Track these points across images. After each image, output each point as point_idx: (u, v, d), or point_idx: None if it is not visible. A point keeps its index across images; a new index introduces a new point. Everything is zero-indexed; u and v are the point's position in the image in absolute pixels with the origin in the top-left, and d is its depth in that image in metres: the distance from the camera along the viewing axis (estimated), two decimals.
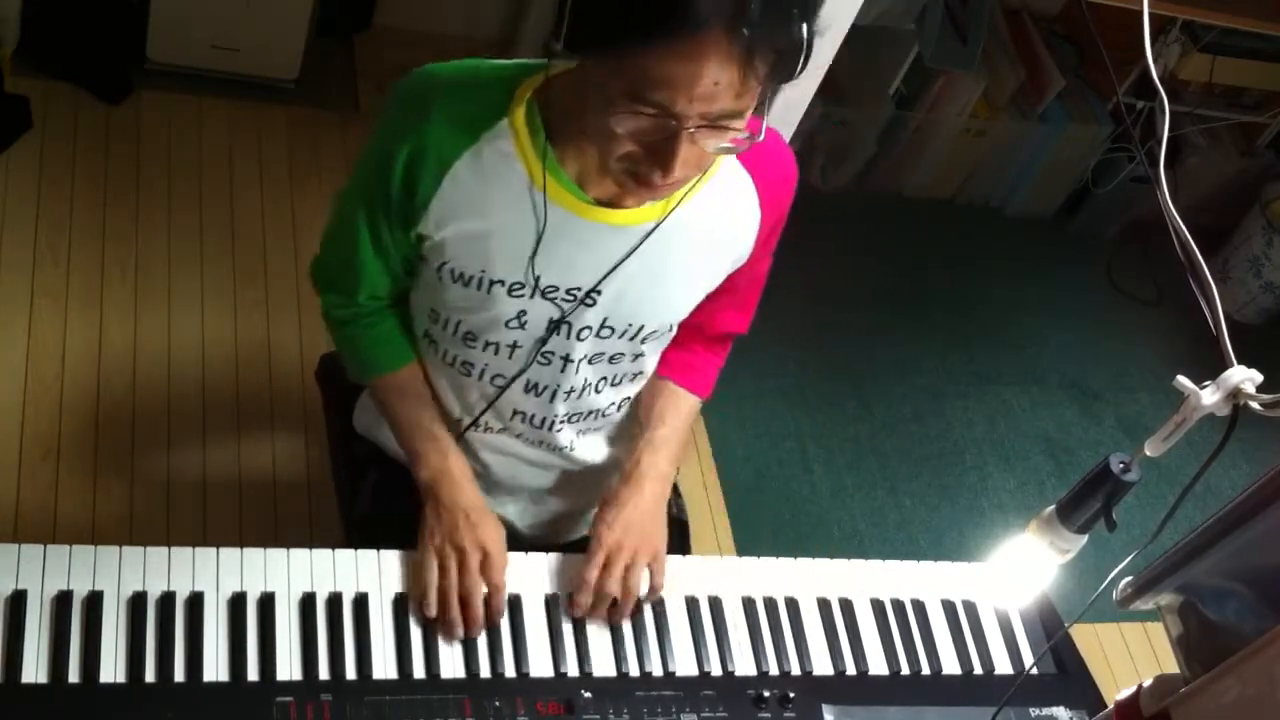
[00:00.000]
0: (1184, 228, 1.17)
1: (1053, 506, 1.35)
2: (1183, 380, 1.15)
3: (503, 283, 1.46)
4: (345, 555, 1.51)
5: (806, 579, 1.68)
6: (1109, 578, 1.23)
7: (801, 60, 1.22)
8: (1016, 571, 1.43)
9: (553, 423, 1.63)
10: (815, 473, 2.99)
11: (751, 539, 2.78)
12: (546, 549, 1.63)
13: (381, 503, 1.77)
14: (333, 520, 2.01)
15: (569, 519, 1.81)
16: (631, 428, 1.70)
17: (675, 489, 1.94)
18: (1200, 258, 1.16)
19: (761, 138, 1.27)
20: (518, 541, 1.73)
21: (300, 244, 2.92)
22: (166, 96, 3.07)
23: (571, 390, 1.59)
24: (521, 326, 1.51)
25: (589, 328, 1.52)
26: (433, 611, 1.48)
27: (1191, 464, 1.17)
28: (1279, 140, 3.86)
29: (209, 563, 1.45)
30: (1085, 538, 1.34)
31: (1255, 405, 1.11)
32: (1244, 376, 1.12)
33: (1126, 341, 3.65)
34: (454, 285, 1.48)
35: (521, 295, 1.48)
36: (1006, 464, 3.19)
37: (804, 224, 1.77)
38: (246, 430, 2.59)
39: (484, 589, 1.50)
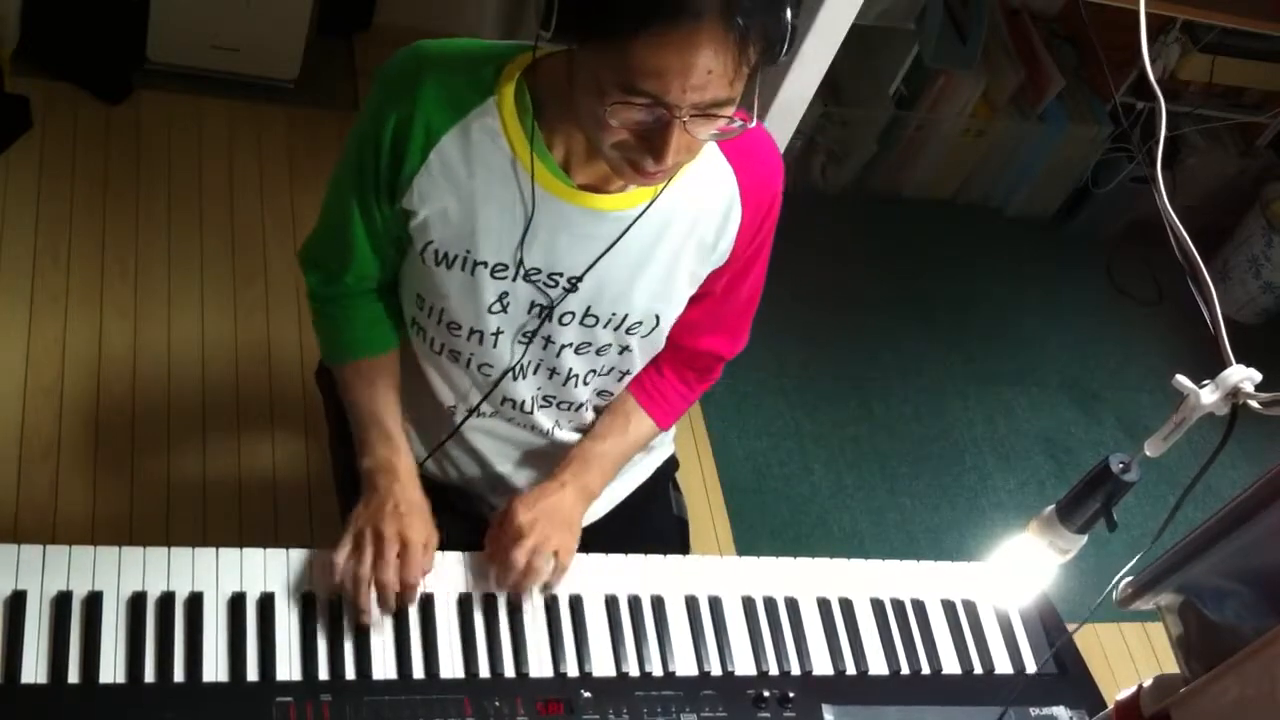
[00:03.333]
0: (1183, 228, 1.17)
1: (1053, 506, 1.35)
2: (1182, 380, 1.15)
3: (486, 264, 1.46)
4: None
5: (806, 579, 1.68)
6: (1113, 581, 1.23)
7: (787, 41, 1.23)
8: (1016, 571, 1.43)
9: (534, 404, 1.63)
10: (815, 473, 2.99)
11: (751, 539, 2.78)
12: None
13: None
14: (333, 520, 2.01)
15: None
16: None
17: (675, 486, 1.94)
18: (1199, 258, 1.16)
19: (754, 124, 1.28)
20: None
21: (300, 244, 2.92)
22: (166, 96, 3.07)
23: (554, 371, 1.59)
24: (504, 310, 1.50)
25: (571, 313, 1.52)
26: (338, 584, 1.46)
27: (1191, 464, 1.17)
28: (1279, 140, 3.86)
29: (209, 563, 1.45)
30: (1085, 538, 1.34)
31: (1254, 405, 1.11)
32: (1243, 376, 1.12)
33: (1126, 341, 3.65)
34: (438, 268, 1.48)
35: (504, 277, 1.47)
36: (1006, 464, 3.19)
37: (804, 224, 1.77)
38: (246, 430, 2.59)
39: (395, 581, 1.47)
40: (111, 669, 1.35)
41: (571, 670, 1.50)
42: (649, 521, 1.86)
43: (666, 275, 1.53)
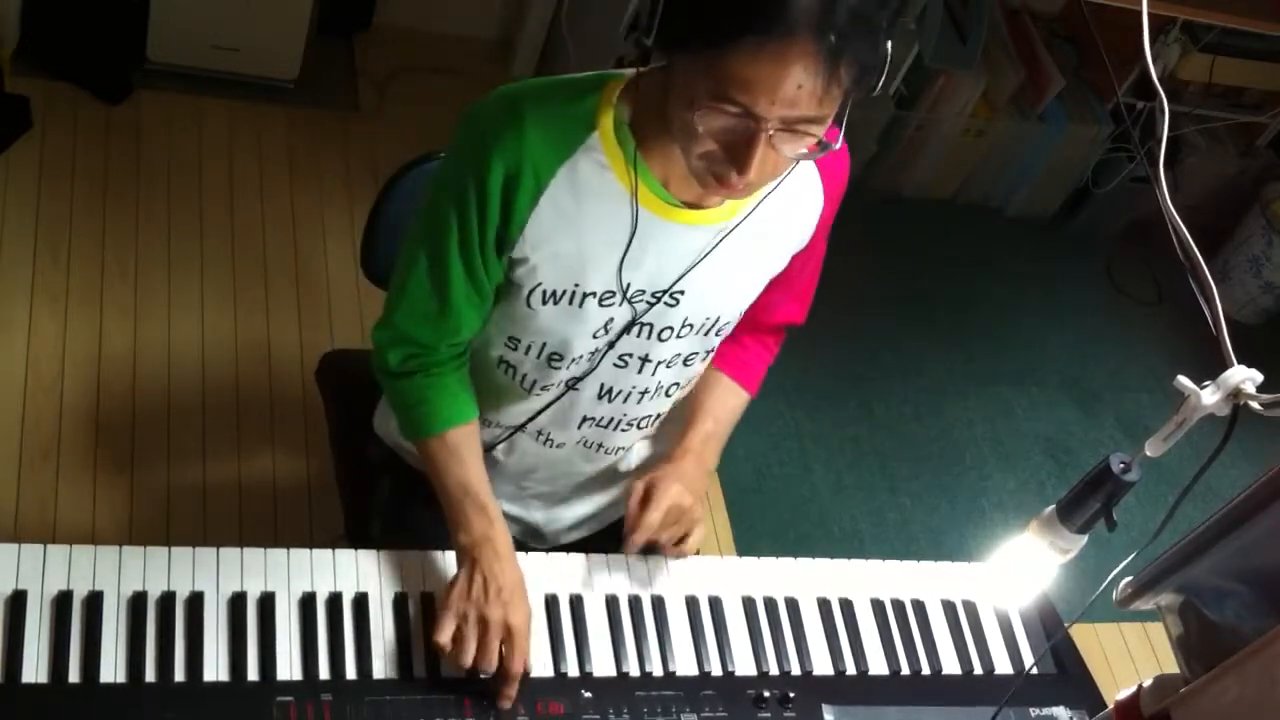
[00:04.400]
0: (1184, 228, 1.17)
1: (1053, 506, 1.35)
2: (1183, 380, 1.15)
3: (594, 294, 1.45)
4: (345, 555, 1.51)
5: (806, 579, 1.68)
6: (1109, 578, 1.23)
7: (883, 74, 1.24)
8: (1016, 571, 1.43)
9: (615, 425, 1.62)
10: (815, 473, 2.99)
11: (751, 539, 2.78)
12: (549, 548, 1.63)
13: (396, 512, 1.76)
14: (333, 520, 2.01)
15: (587, 521, 1.80)
16: (675, 415, 1.70)
17: None
18: (1200, 258, 1.16)
19: (838, 146, 1.28)
20: (536, 542, 1.74)
21: (300, 244, 2.92)
22: (166, 96, 3.07)
23: (645, 393, 1.59)
24: (606, 332, 1.50)
25: (670, 328, 1.51)
26: (456, 660, 1.42)
27: (1191, 464, 1.16)
28: (1279, 140, 3.86)
29: (209, 563, 1.45)
30: (1085, 538, 1.34)
31: (1255, 405, 1.11)
32: (1244, 376, 1.12)
33: (1126, 341, 3.65)
34: (544, 307, 1.46)
35: (611, 304, 1.47)
36: (1006, 464, 3.19)
37: None
38: (246, 430, 2.59)
39: (494, 667, 1.43)
40: (112, 669, 1.35)
41: (571, 670, 1.50)
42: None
43: (755, 275, 1.55)
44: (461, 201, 1.39)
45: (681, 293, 1.48)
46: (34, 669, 1.33)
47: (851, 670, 1.61)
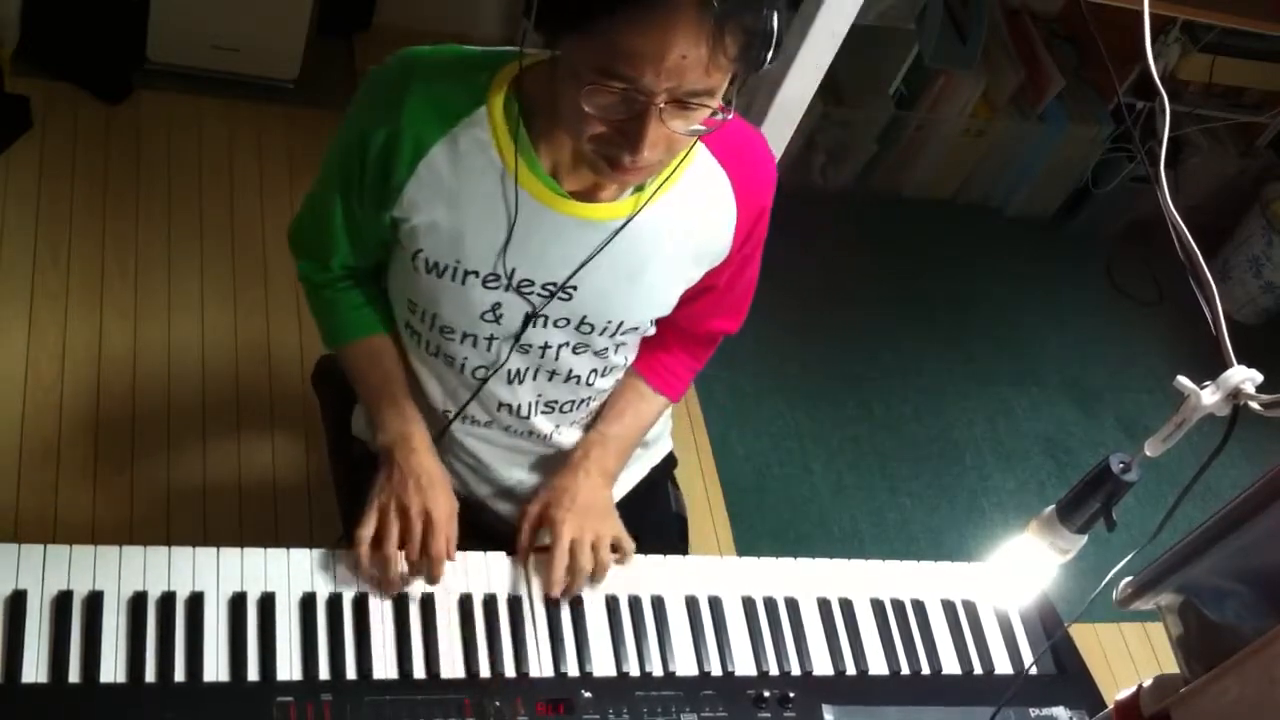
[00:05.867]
0: (1184, 228, 1.17)
1: (1053, 506, 1.35)
2: (1183, 380, 1.15)
3: (476, 274, 1.46)
4: (345, 555, 1.51)
5: (806, 579, 1.68)
6: (1108, 578, 1.23)
7: (771, 49, 1.22)
8: (1016, 571, 1.43)
9: (534, 409, 1.63)
10: (815, 473, 2.99)
11: (751, 539, 2.78)
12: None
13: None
14: (333, 520, 2.01)
15: (515, 492, 1.80)
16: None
17: (674, 484, 1.94)
18: (1200, 258, 1.16)
19: (729, 117, 1.26)
20: (509, 537, 1.73)
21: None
22: (166, 96, 3.07)
23: (554, 374, 1.59)
24: (497, 320, 1.50)
25: (566, 319, 1.52)
26: (364, 563, 1.48)
27: (1191, 464, 1.16)
28: (1279, 140, 3.86)
29: (209, 563, 1.45)
30: (1085, 538, 1.34)
31: (1255, 405, 1.11)
32: (1244, 376, 1.12)
33: (1126, 341, 3.65)
34: (428, 275, 1.48)
35: (496, 288, 1.47)
36: (1006, 464, 3.19)
37: (804, 224, 1.77)
38: (246, 430, 2.59)
39: (416, 553, 1.49)
40: (112, 669, 1.35)
41: (571, 670, 1.50)
42: (649, 518, 1.86)
43: (661, 283, 1.53)
44: (346, 154, 1.45)
45: (574, 288, 1.48)
46: (34, 669, 1.33)
47: (851, 670, 1.61)
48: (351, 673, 1.42)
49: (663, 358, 1.70)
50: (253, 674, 1.39)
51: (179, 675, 1.36)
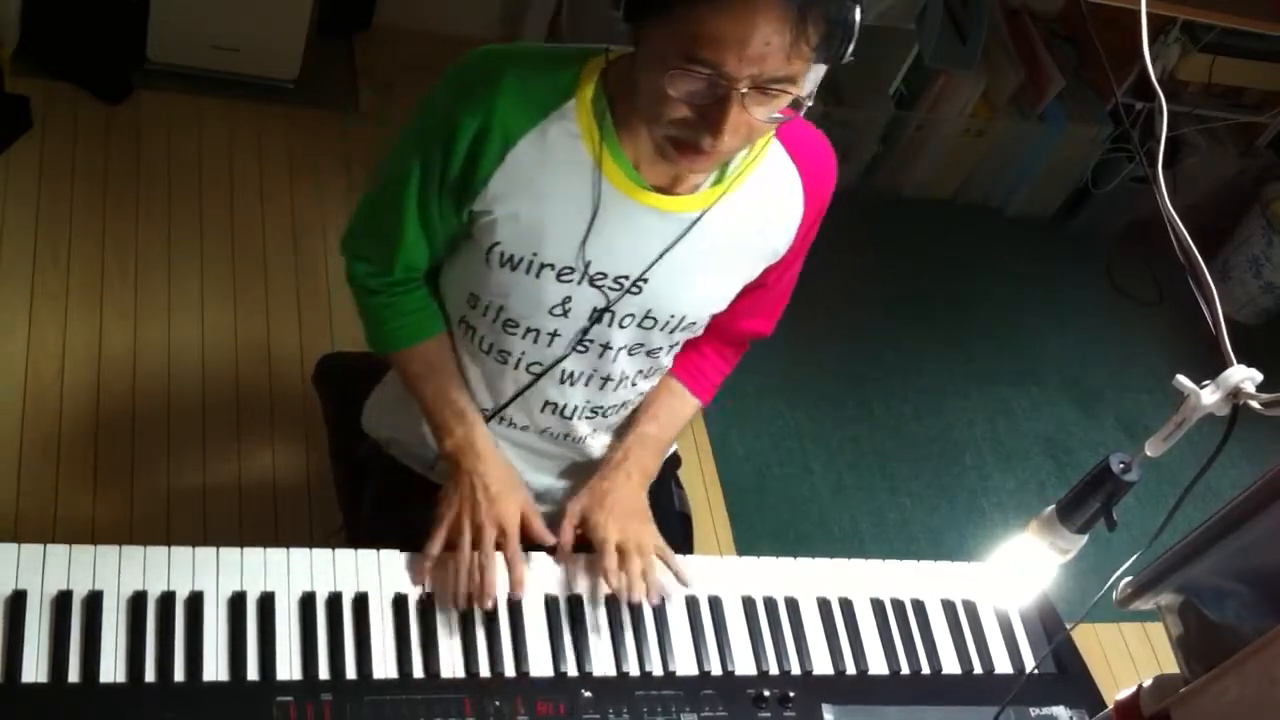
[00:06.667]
0: (1184, 228, 1.17)
1: (1053, 506, 1.35)
2: (1182, 380, 1.15)
3: (552, 266, 1.46)
4: (345, 555, 1.51)
5: (806, 579, 1.68)
6: (1110, 579, 1.23)
7: (851, 42, 1.24)
8: (1016, 571, 1.43)
9: (578, 413, 1.63)
10: (815, 473, 2.98)
11: (751, 539, 2.78)
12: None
13: (386, 508, 1.76)
14: (333, 520, 2.01)
15: (541, 497, 1.80)
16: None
17: (678, 482, 1.95)
18: (1200, 258, 1.16)
19: (810, 104, 1.28)
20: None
21: (300, 244, 2.92)
22: (166, 96, 3.07)
23: (608, 379, 1.59)
24: (565, 314, 1.50)
25: (631, 315, 1.52)
26: (425, 581, 1.49)
27: (1191, 464, 1.16)
28: (1279, 140, 3.86)
29: (209, 563, 1.45)
30: (1085, 538, 1.34)
31: (1255, 405, 1.11)
32: (1244, 376, 1.12)
33: (1126, 341, 3.65)
34: (501, 269, 1.47)
35: (570, 280, 1.47)
36: (1006, 464, 3.19)
37: None
38: (246, 430, 2.59)
39: (497, 565, 1.51)
40: (112, 669, 1.35)
41: (571, 670, 1.50)
42: (654, 517, 1.87)
43: (725, 278, 1.54)
44: (427, 149, 1.43)
45: (645, 281, 1.48)
46: (34, 669, 1.33)
47: (851, 670, 1.61)
48: (351, 672, 1.42)
49: (695, 359, 1.71)
50: (252, 674, 1.39)
51: (179, 675, 1.36)
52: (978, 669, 1.67)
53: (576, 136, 1.40)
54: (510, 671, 1.48)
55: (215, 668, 1.38)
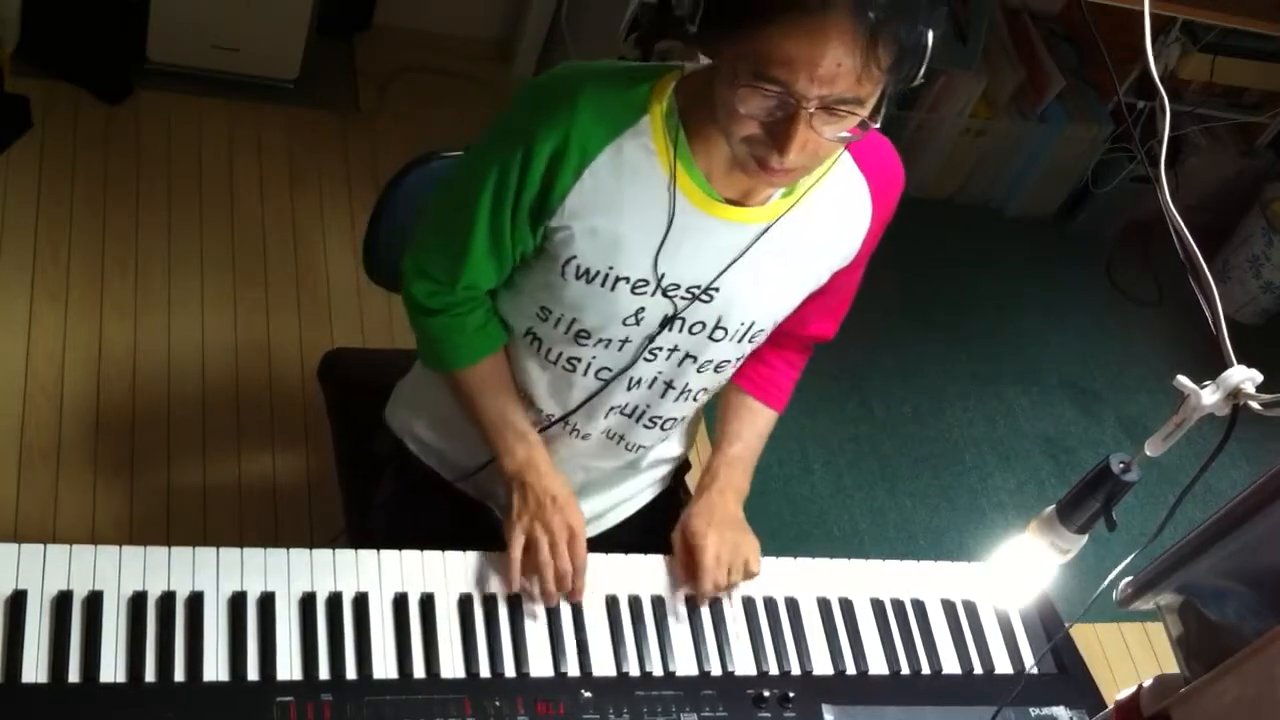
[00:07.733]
0: (1184, 228, 1.17)
1: (1053, 506, 1.35)
2: (1183, 380, 1.15)
3: (627, 279, 1.47)
4: (345, 555, 1.51)
5: (806, 579, 1.68)
6: (1109, 578, 1.23)
7: (923, 66, 1.27)
8: (1016, 571, 1.43)
9: (643, 416, 1.65)
10: (815, 473, 2.99)
11: None
12: None
13: (399, 507, 1.76)
14: (333, 520, 2.01)
15: (591, 521, 1.81)
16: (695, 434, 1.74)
17: (686, 490, 1.95)
18: (1200, 258, 1.16)
19: (878, 124, 1.29)
20: None
21: (300, 244, 2.92)
22: (166, 96, 3.07)
23: (670, 385, 1.60)
24: (638, 324, 1.51)
25: (702, 323, 1.53)
26: (515, 586, 1.53)
27: (1191, 464, 1.17)
28: (1279, 140, 3.86)
29: (209, 563, 1.45)
30: (1085, 538, 1.34)
31: (1255, 405, 1.11)
32: (1244, 376, 1.12)
33: (1126, 341, 3.65)
34: (576, 282, 1.47)
35: (644, 292, 1.48)
36: (1006, 464, 3.19)
37: None
38: (246, 430, 2.59)
39: (567, 565, 1.54)
40: (112, 669, 1.35)
41: (571, 670, 1.50)
42: (667, 523, 1.87)
43: (794, 285, 1.56)
44: (504, 165, 1.42)
45: (717, 290, 1.49)
46: (34, 669, 1.32)
47: (851, 670, 1.61)
48: (351, 673, 1.42)
49: (764, 371, 1.72)
50: (252, 674, 1.39)
51: (179, 675, 1.36)
52: (978, 669, 1.67)
53: (652, 152, 1.41)
54: (510, 672, 1.48)
55: (215, 668, 1.38)
